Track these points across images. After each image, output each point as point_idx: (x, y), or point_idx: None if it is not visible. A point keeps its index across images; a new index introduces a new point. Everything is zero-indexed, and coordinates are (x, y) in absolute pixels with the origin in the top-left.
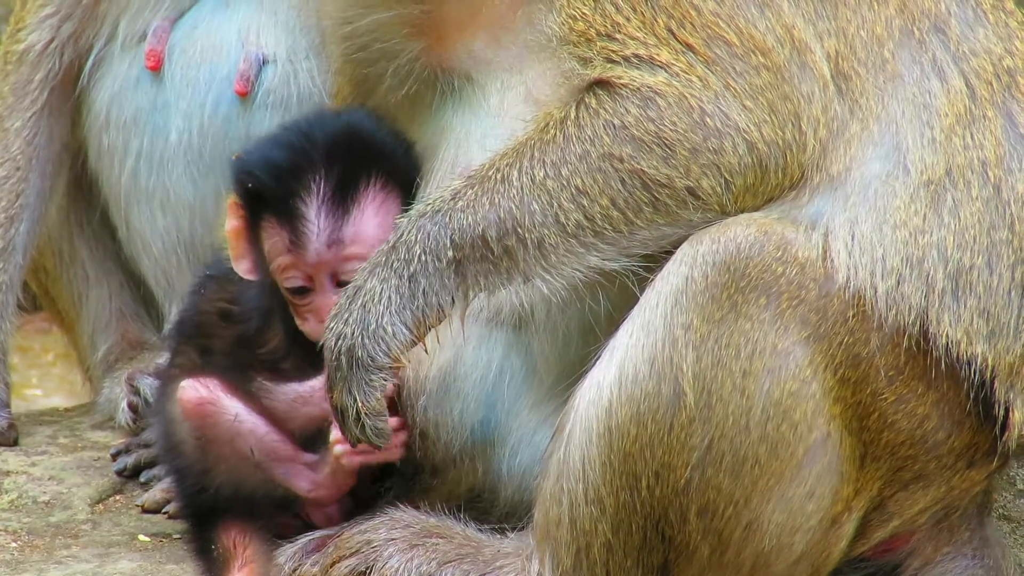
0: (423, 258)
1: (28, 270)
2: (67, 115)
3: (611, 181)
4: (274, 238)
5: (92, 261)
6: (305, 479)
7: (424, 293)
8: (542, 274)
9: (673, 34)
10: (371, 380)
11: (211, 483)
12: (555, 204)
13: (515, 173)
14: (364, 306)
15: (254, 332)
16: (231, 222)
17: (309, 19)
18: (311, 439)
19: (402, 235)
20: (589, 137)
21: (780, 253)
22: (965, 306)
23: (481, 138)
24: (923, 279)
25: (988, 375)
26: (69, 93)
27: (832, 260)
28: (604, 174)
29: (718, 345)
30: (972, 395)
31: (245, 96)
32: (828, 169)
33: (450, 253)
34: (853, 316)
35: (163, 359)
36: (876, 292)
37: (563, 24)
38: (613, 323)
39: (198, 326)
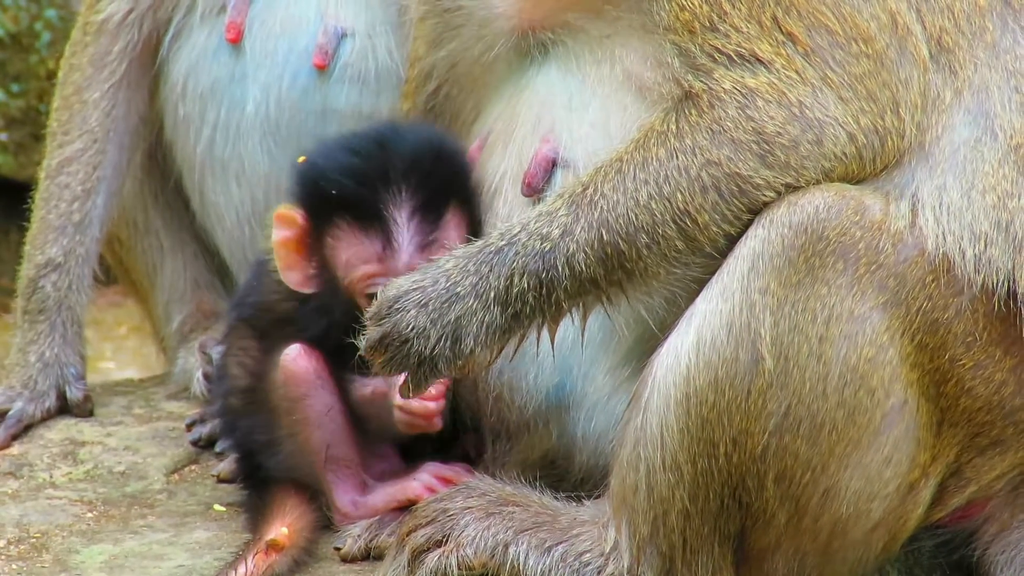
0: (526, 296)
1: (102, 241)
2: (145, 87)
3: (709, 194)
4: (355, 247)
5: (167, 232)
6: (349, 497)
7: (522, 325)
8: (642, 297)
9: (778, 23)
10: (419, 377)
11: (271, 451)
12: (659, 230)
13: (618, 196)
14: (459, 320)
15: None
16: (281, 232)
17: None
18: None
19: (507, 265)
20: (689, 147)
21: (858, 217)
22: None
23: (567, 101)
24: (1011, 242)
25: None
26: (147, 65)
27: (920, 228)
28: (702, 186)
29: (795, 310)
30: None
31: (323, 69)
32: (920, 140)
33: (556, 292)
34: (933, 281)
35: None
36: (964, 256)
37: (670, 12)
38: (697, 289)
39: (256, 308)
